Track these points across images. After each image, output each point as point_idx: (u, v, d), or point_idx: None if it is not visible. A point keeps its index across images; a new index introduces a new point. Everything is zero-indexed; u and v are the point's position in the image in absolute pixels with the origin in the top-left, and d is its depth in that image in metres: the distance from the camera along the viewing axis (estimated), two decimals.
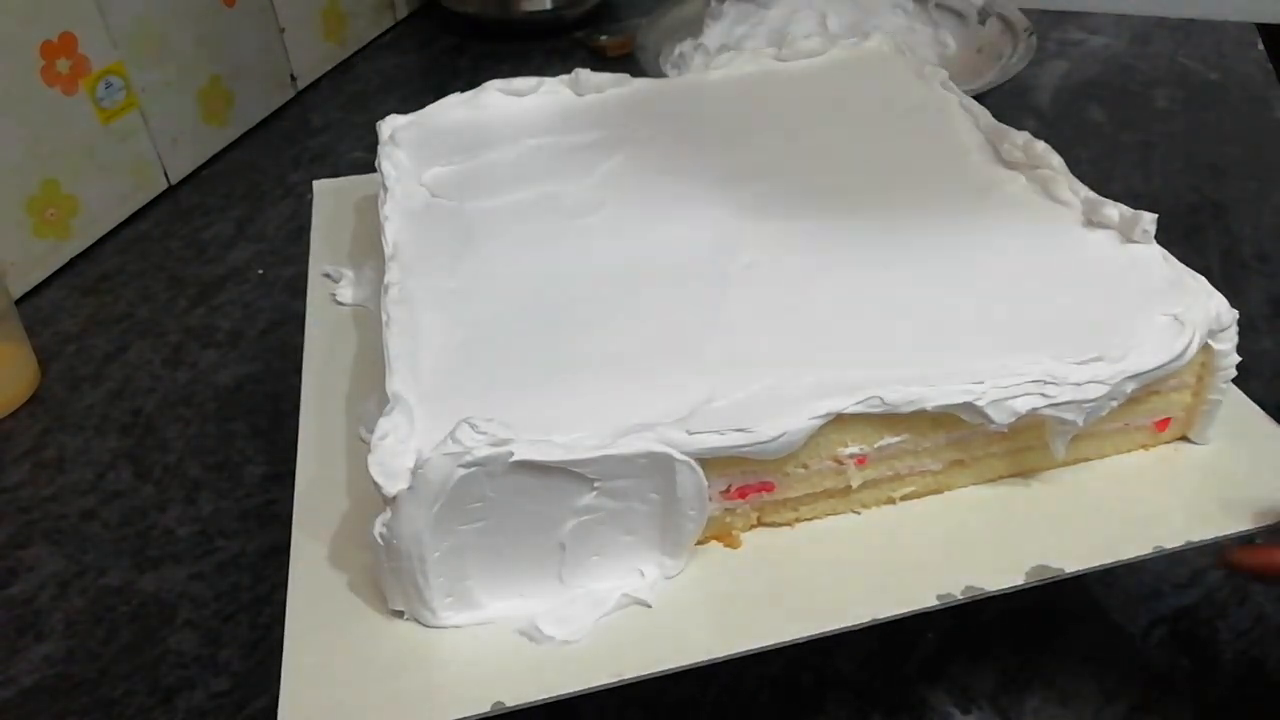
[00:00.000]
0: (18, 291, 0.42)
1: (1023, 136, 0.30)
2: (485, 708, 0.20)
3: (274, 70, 0.55)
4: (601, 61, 0.58)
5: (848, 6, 0.53)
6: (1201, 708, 0.26)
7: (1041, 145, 0.30)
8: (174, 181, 0.49)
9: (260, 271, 0.44)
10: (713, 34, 0.53)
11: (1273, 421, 0.26)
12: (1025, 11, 0.51)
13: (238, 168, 0.51)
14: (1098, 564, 0.22)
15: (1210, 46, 0.57)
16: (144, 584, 0.30)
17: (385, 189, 0.31)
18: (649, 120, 0.34)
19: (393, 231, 0.30)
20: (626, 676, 0.21)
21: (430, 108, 0.35)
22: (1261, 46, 0.57)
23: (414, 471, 0.21)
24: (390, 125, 0.35)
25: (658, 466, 0.22)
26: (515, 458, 0.21)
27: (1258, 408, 0.26)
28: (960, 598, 0.22)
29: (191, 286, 0.43)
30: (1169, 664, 0.27)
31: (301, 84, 0.57)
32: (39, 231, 0.42)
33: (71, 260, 0.44)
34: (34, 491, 0.34)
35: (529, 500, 0.22)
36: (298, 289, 0.42)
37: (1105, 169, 0.47)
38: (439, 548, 0.22)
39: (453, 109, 0.35)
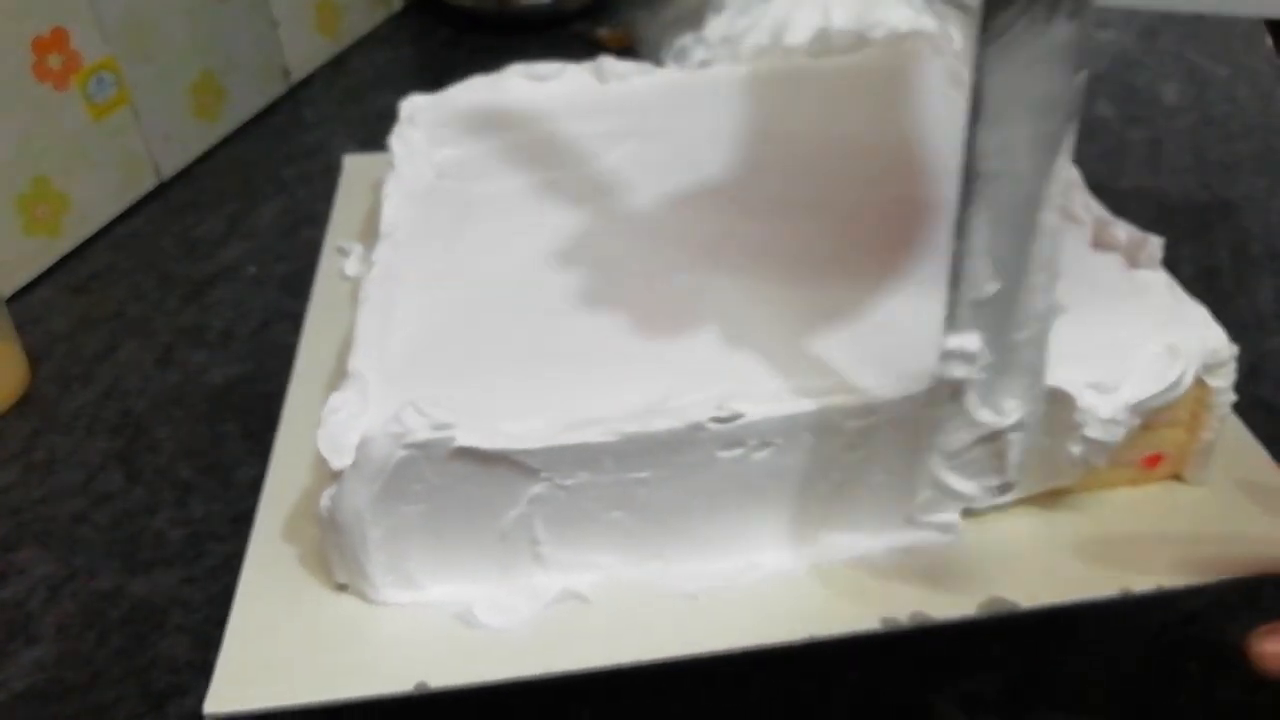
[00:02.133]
0: (7, 290, 0.41)
1: None
2: (409, 687, 0.20)
3: (267, 64, 0.54)
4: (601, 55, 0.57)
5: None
6: (1211, 712, 0.25)
7: None
8: (166, 178, 0.49)
9: (253, 269, 0.43)
10: (714, 27, 0.53)
11: (1276, 467, 0.25)
12: None
13: (230, 163, 0.51)
14: (1056, 602, 0.22)
15: (1219, 42, 0.57)
16: (135, 587, 0.30)
17: (393, 167, 0.31)
18: (666, 112, 0.34)
19: (391, 210, 0.30)
20: (554, 671, 0.21)
21: (453, 89, 0.35)
22: (1270, 42, 0.57)
23: (357, 448, 0.21)
24: (411, 105, 0.35)
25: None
26: (457, 443, 0.21)
27: (1265, 452, 0.25)
28: (905, 624, 0.21)
29: (183, 285, 0.42)
30: (1178, 668, 0.26)
31: (295, 78, 0.56)
32: (29, 229, 0.42)
33: (62, 258, 0.44)
34: (24, 493, 0.33)
35: (472, 487, 0.21)
36: (291, 287, 0.42)
37: (1113, 166, 0.47)
38: (381, 526, 0.22)
39: (474, 91, 0.35)
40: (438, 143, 0.33)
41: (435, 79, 0.37)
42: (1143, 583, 0.22)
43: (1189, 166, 0.47)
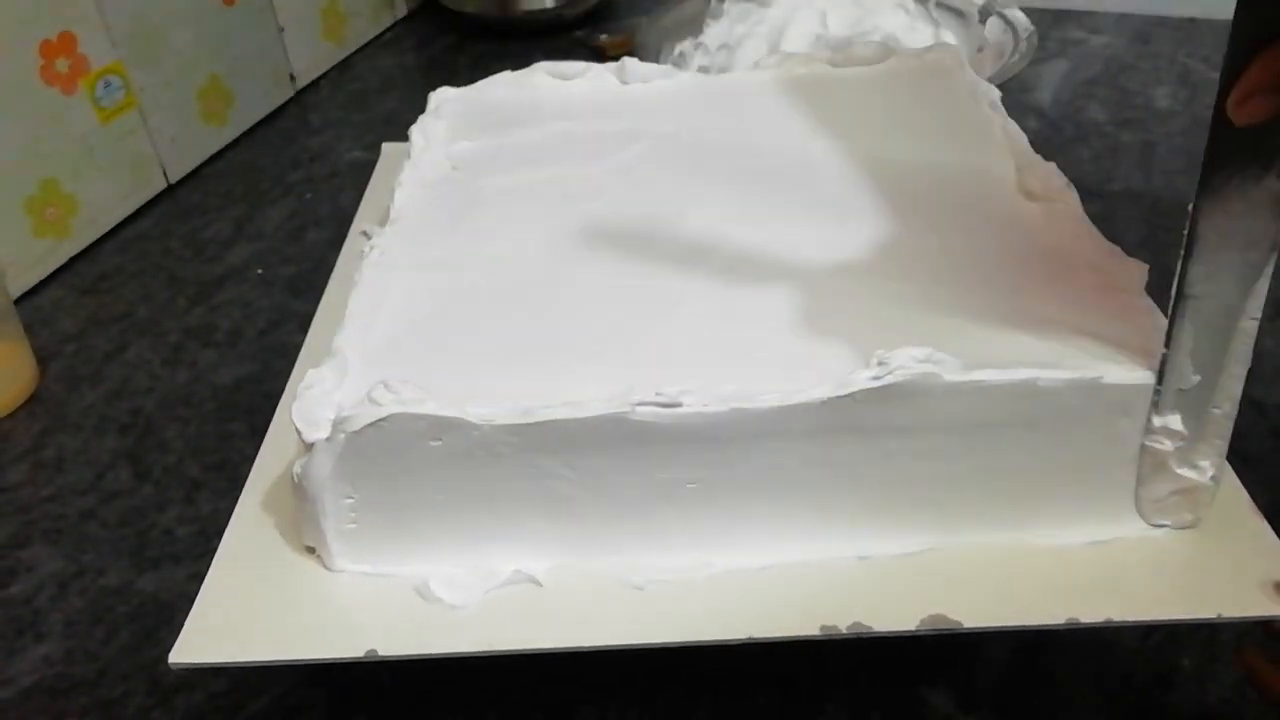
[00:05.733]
0: (17, 291, 0.42)
1: (1045, 169, 0.29)
2: (359, 653, 0.21)
3: (273, 69, 0.55)
4: (601, 61, 0.58)
5: (848, 6, 0.53)
6: (1203, 709, 0.26)
7: (1061, 181, 0.29)
8: (173, 181, 0.49)
9: (260, 271, 0.44)
10: (713, 33, 0.53)
11: (1255, 510, 0.24)
12: (1026, 10, 0.51)
13: (237, 167, 0.51)
14: (999, 625, 0.22)
15: (1211, 45, 0.57)
16: (143, 584, 0.30)
17: (409, 157, 0.32)
18: (682, 115, 0.34)
19: (401, 198, 0.31)
20: (496, 648, 0.22)
21: (480, 83, 0.36)
22: None
23: (333, 423, 0.22)
24: (439, 97, 0.36)
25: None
26: (421, 423, 0.22)
27: (1246, 495, 0.24)
28: (844, 632, 0.21)
29: (190, 286, 0.43)
30: (1170, 664, 0.27)
31: (301, 83, 0.57)
32: (38, 231, 0.42)
33: (70, 260, 0.44)
34: (33, 492, 0.34)
35: (435, 466, 0.22)
36: (297, 288, 0.42)
37: (1106, 169, 0.47)
38: (347, 497, 0.23)
39: (500, 87, 0.36)
40: (458, 135, 0.34)
41: (439, 84, 0.38)
42: (1092, 615, 0.22)
43: (1181, 169, 0.47)
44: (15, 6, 0.40)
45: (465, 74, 0.61)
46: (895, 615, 0.22)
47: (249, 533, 0.24)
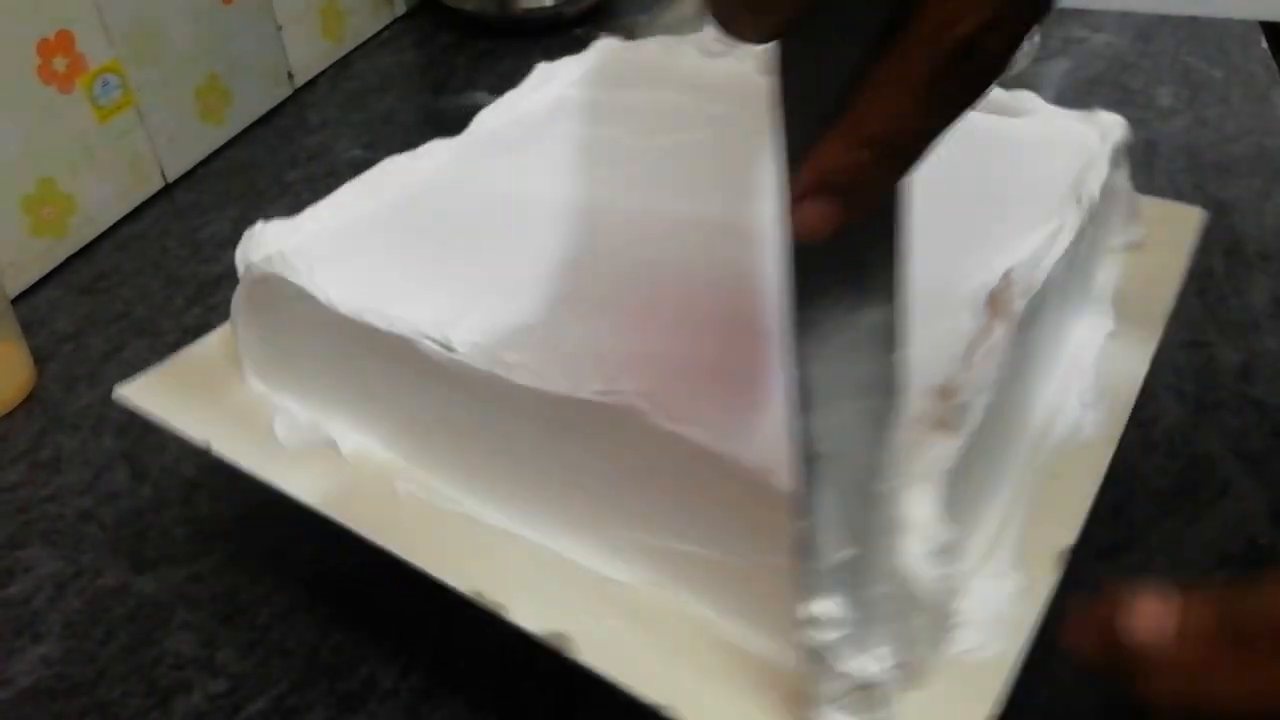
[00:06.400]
0: (14, 291, 0.42)
1: (1014, 288, 0.23)
2: (203, 442, 0.26)
3: (271, 68, 0.55)
4: None
5: None
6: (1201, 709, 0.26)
7: (1020, 302, 0.23)
8: (171, 180, 0.49)
9: None
10: (712, 31, 0.53)
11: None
12: None
13: (235, 166, 0.51)
14: (612, 677, 0.19)
15: (1214, 44, 0.57)
16: (141, 585, 0.30)
17: (515, 88, 0.34)
18: (735, 103, 0.34)
19: (482, 118, 0.33)
20: (282, 490, 0.25)
21: (639, 41, 0.38)
22: (1265, 44, 0.57)
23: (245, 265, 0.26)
24: (600, 46, 0.37)
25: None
26: (294, 288, 0.25)
27: None
28: (482, 601, 0.21)
29: (188, 285, 0.43)
30: None
31: (299, 82, 0.57)
32: (35, 230, 0.42)
33: (68, 259, 0.44)
34: (31, 492, 0.33)
35: (312, 328, 0.26)
36: None
37: None
38: (254, 327, 0.27)
39: (651, 48, 0.37)
40: (576, 82, 0.35)
41: (437, 82, 0.38)
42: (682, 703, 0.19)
43: (1183, 168, 0.47)
44: (13, 5, 0.40)
45: (464, 73, 0.61)
46: (538, 615, 0.20)
47: (221, 338, 0.30)
